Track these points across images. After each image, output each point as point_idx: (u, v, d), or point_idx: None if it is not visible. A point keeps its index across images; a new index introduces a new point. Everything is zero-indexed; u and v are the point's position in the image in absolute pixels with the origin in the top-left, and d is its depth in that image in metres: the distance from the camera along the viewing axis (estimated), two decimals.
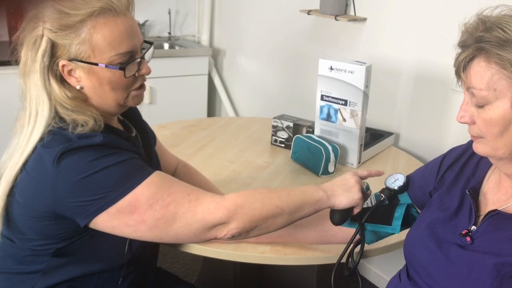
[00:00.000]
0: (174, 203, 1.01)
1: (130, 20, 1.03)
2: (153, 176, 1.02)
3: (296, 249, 1.28)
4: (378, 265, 2.38)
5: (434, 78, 2.03)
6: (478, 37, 0.88)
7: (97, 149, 0.98)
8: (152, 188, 1.01)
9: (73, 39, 0.98)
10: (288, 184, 1.67)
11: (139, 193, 0.99)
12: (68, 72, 1.02)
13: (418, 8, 2.05)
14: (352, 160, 1.84)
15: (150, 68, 1.09)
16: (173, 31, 3.42)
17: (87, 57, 1.00)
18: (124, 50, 1.02)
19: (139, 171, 1.02)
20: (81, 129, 0.99)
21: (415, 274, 1.05)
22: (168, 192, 1.02)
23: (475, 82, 0.89)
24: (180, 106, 3.16)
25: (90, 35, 0.98)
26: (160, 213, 1.00)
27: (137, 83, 1.09)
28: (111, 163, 0.98)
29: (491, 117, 0.88)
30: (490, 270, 0.89)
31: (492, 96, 0.87)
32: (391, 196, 1.18)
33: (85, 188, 0.97)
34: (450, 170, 1.10)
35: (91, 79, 1.02)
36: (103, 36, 0.99)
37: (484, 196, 1.01)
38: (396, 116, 2.22)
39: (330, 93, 1.81)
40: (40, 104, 1.00)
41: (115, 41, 1.00)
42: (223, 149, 1.93)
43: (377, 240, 1.22)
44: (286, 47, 2.79)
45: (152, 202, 1.00)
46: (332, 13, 2.28)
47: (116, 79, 1.03)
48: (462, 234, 0.97)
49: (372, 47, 2.27)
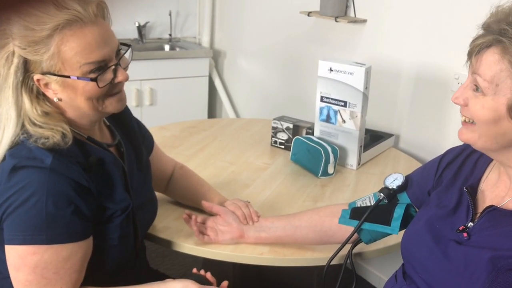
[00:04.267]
0: (51, 281, 0.99)
1: (99, 28, 0.99)
2: (66, 246, 0.98)
3: (295, 250, 1.28)
4: (377, 267, 2.38)
5: (434, 80, 2.03)
6: (502, 29, 0.87)
7: (44, 174, 0.96)
8: (53, 257, 0.97)
9: (43, 54, 0.96)
10: (288, 185, 1.67)
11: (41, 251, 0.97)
12: (44, 85, 1.00)
13: (418, 10, 2.05)
14: (351, 162, 1.84)
15: (127, 75, 1.06)
16: (174, 32, 3.42)
17: (58, 70, 0.98)
18: (94, 59, 0.99)
19: (63, 229, 0.98)
20: (44, 141, 0.97)
21: (412, 270, 1.06)
22: (56, 270, 0.99)
23: (482, 70, 0.89)
24: (180, 107, 3.16)
25: (58, 48, 0.96)
26: (35, 278, 0.98)
27: (115, 90, 1.06)
28: (42, 202, 0.96)
29: (483, 104, 0.90)
30: (486, 264, 0.89)
31: (491, 90, 0.88)
32: (390, 196, 1.18)
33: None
34: (448, 169, 1.11)
35: (66, 91, 1.01)
36: (71, 48, 0.96)
37: (482, 193, 1.02)
38: (396, 118, 2.22)
39: (330, 95, 1.81)
40: (8, 120, 0.99)
41: (84, 51, 0.97)
42: (223, 150, 1.93)
43: (375, 240, 1.22)
44: (286, 48, 2.80)
45: (41, 268, 0.97)
46: (332, 14, 2.28)
47: (90, 89, 1.00)
48: (459, 230, 0.98)
49: (372, 48, 2.27)
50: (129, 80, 1.09)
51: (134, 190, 1.17)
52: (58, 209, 0.96)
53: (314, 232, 1.26)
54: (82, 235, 1.01)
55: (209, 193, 1.41)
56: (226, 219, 1.29)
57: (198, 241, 1.27)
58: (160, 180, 1.43)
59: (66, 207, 0.97)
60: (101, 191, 1.05)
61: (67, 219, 0.98)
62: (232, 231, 1.28)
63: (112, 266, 1.12)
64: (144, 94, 3.01)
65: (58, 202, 0.96)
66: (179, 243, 1.29)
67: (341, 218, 1.22)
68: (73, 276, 1.01)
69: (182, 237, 1.31)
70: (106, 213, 1.06)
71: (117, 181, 1.09)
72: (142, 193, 1.22)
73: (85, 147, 1.06)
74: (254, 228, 1.29)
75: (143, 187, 1.24)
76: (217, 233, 1.28)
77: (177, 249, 1.30)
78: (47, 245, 0.96)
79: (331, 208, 1.29)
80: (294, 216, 1.30)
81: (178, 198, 1.46)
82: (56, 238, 0.97)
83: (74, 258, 1.00)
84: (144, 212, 1.22)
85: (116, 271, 1.13)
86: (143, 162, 1.26)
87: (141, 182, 1.23)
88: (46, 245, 0.96)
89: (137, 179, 1.21)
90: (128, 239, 1.13)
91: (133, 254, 1.18)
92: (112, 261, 1.12)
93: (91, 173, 1.03)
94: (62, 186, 0.97)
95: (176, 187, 1.45)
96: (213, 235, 1.28)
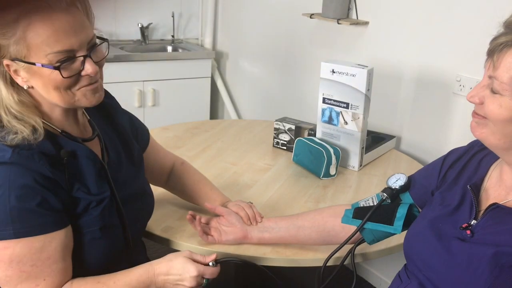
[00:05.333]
0: (31, 274, 0.99)
1: (70, 17, 0.96)
2: (36, 238, 0.97)
3: (297, 250, 1.29)
4: (379, 268, 2.39)
5: (436, 82, 2.04)
6: None
7: (4, 168, 0.96)
8: (25, 250, 0.97)
9: (10, 38, 0.94)
10: (290, 186, 1.68)
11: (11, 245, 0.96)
12: (14, 72, 0.98)
13: (420, 12, 2.06)
14: (353, 163, 1.85)
15: (96, 68, 1.00)
16: (177, 34, 3.43)
17: (24, 56, 0.96)
18: (60, 48, 0.95)
19: (27, 221, 0.97)
20: (13, 137, 0.96)
21: (415, 268, 1.06)
22: (32, 263, 0.98)
23: (501, 72, 0.88)
24: (183, 108, 3.17)
25: (24, 33, 0.93)
26: (14, 273, 0.98)
27: (84, 82, 1.02)
28: (6, 197, 0.95)
29: (500, 103, 0.89)
30: (489, 260, 0.90)
31: (509, 91, 0.88)
32: (393, 196, 1.19)
33: None
34: (451, 168, 1.12)
35: (35, 79, 0.99)
36: (38, 34, 0.93)
37: (486, 192, 1.03)
38: (397, 120, 2.23)
39: (332, 96, 1.82)
40: None
41: (50, 38, 0.94)
42: (225, 151, 1.94)
43: (378, 241, 1.23)
44: (288, 50, 2.81)
45: (16, 262, 0.97)
46: (335, 16, 2.29)
47: (55, 78, 0.98)
48: (462, 228, 0.98)
49: (374, 50, 2.28)
50: (132, 81, 1.08)
51: (121, 182, 1.15)
52: (22, 202, 0.95)
53: (317, 232, 1.27)
54: (53, 226, 0.99)
55: (211, 193, 1.41)
56: (229, 220, 1.30)
57: (201, 241, 1.28)
58: (159, 174, 1.43)
59: (31, 200, 0.96)
60: (73, 183, 1.04)
61: (33, 212, 0.96)
62: (236, 231, 1.29)
63: (104, 260, 1.11)
64: (146, 95, 3.02)
65: (21, 196, 0.95)
66: (182, 243, 1.30)
67: (344, 217, 1.23)
68: (54, 267, 1.00)
69: (185, 237, 1.32)
70: (81, 204, 1.05)
71: (91, 174, 1.07)
72: (132, 185, 1.20)
73: (57, 140, 1.04)
74: (258, 228, 1.29)
75: (134, 179, 1.23)
76: (221, 233, 1.29)
77: (180, 249, 1.31)
78: (16, 239, 0.96)
79: (334, 209, 1.30)
80: (297, 217, 1.31)
81: (178, 194, 1.46)
82: (24, 231, 0.96)
83: (49, 248, 0.99)
84: (134, 206, 1.20)
85: (111, 267, 1.11)
86: (135, 155, 1.25)
87: (131, 175, 1.22)
88: (16, 239, 0.96)
89: (126, 172, 1.20)
90: (114, 232, 1.12)
91: (125, 247, 1.16)
92: (100, 254, 1.10)
93: (62, 166, 1.02)
94: (24, 179, 0.96)
95: (176, 183, 1.44)
96: (217, 235, 1.29)
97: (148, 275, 1.08)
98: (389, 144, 2.07)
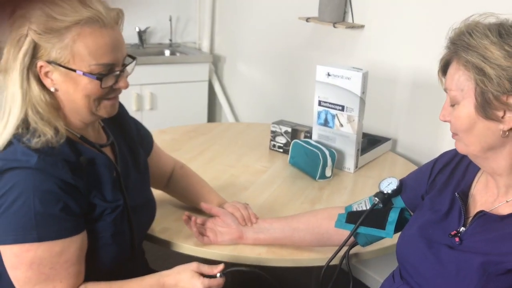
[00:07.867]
0: (49, 276, 1.02)
1: (116, 34, 1.04)
2: (57, 242, 1.01)
3: (292, 250, 1.31)
4: (374, 269, 2.40)
5: (431, 85, 2.06)
6: (453, 41, 0.96)
7: (29, 174, 0.99)
8: (46, 253, 1.00)
9: (55, 43, 0.99)
10: (286, 188, 1.69)
11: (34, 249, 0.99)
12: (45, 74, 1.03)
13: (415, 16, 2.08)
14: (349, 165, 1.87)
15: (128, 83, 1.10)
16: (174, 38, 3.45)
17: (66, 62, 1.01)
18: (104, 61, 1.03)
19: (51, 226, 1.01)
20: (37, 140, 1.00)
21: (407, 274, 1.08)
22: (51, 266, 1.02)
23: (449, 83, 0.97)
24: (180, 111, 3.18)
25: (73, 41, 0.99)
26: (34, 274, 1.01)
27: (112, 94, 1.09)
28: (30, 202, 0.98)
29: (458, 114, 0.96)
30: (477, 269, 0.91)
31: (460, 96, 0.95)
32: (385, 200, 1.21)
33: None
34: (441, 173, 1.13)
35: (67, 84, 1.03)
36: (86, 45, 1.00)
37: (473, 198, 1.04)
38: (393, 122, 2.24)
39: (328, 99, 1.84)
40: (14, 102, 1.02)
41: (98, 51, 1.01)
42: (223, 154, 1.96)
43: (371, 243, 1.25)
44: (285, 53, 2.83)
45: (37, 264, 1.00)
46: (331, 20, 2.31)
47: (91, 87, 1.03)
48: (451, 235, 0.99)
49: (369, 54, 2.30)
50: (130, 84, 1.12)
51: (130, 190, 1.18)
52: (46, 207, 0.99)
53: (311, 234, 1.29)
54: (73, 230, 1.03)
55: (209, 195, 1.43)
56: (225, 221, 1.31)
57: (197, 242, 1.30)
58: (160, 179, 1.45)
59: (54, 205, 1.00)
60: (90, 189, 1.08)
61: (56, 217, 1.00)
62: (231, 232, 1.30)
63: (110, 265, 1.14)
64: (144, 99, 3.04)
65: (45, 201, 0.99)
66: (178, 244, 1.31)
67: (337, 222, 1.25)
68: (71, 270, 1.04)
69: (181, 238, 1.33)
70: (96, 211, 1.09)
71: (107, 182, 1.11)
72: (139, 194, 1.24)
73: (76, 147, 1.08)
74: (253, 229, 1.31)
75: (141, 187, 1.26)
76: (216, 234, 1.30)
77: (176, 250, 1.32)
78: (39, 242, 0.99)
79: (329, 211, 1.31)
80: (292, 218, 1.32)
81: (177, 197, 1.48)
82: (47, 235, 1.00)
83: (67, 252, 1.02)
84: (141, 214, 1.23)
85: (114, 271, 1.15)
86: (141, 163, 1.28)
87: (138, 183, 1.25)
88: (38, 243, 0.99)
89: (134, 180, 1.22)
90: (123, 238, 1.15)
91: (130, 254, 1.19)
92: (109, 259, 1.13)
93: (81, 172, 1.05)
94: (48, 185, 1.00)
95: (175, 186, 1.47)
96: (213, 236, 1.30)
97: (158, 287, 1.11)
98: (385, 146, 2.09)
